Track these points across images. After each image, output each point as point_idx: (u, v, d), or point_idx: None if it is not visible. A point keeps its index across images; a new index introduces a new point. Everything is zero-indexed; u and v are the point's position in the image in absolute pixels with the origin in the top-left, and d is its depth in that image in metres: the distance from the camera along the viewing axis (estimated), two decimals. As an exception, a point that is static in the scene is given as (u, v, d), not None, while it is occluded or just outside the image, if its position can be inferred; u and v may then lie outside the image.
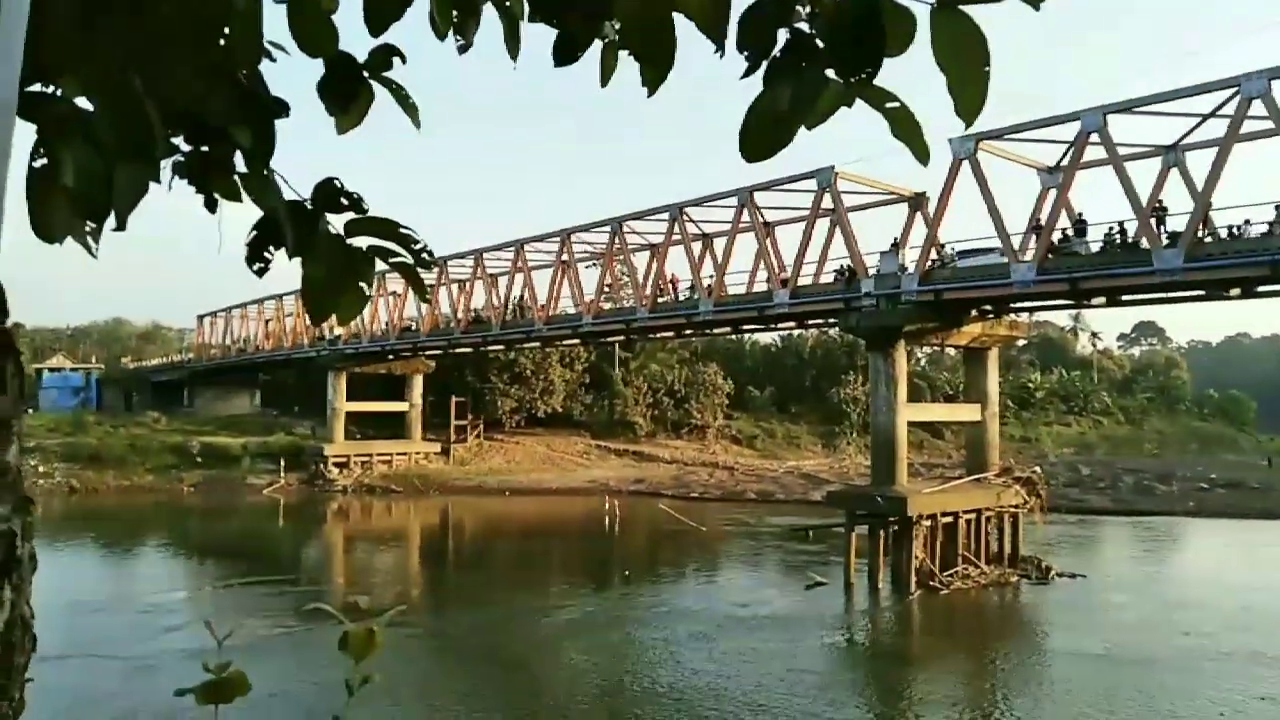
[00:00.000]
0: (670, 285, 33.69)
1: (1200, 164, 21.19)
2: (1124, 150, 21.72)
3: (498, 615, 20.77)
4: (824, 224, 27.01)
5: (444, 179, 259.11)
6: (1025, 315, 30.65)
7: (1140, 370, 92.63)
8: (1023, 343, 66.30)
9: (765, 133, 1.45)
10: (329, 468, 48.03)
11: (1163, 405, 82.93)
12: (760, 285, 29.08)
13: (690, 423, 61.17)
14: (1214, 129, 21.35)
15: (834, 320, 29.83)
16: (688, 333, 41.23)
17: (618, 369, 61.14)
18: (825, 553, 27.70)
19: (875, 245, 36.47)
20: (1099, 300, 24.42)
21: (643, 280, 33.41)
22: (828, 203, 25.72)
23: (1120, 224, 22.24)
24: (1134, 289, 22.17)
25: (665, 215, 31.00)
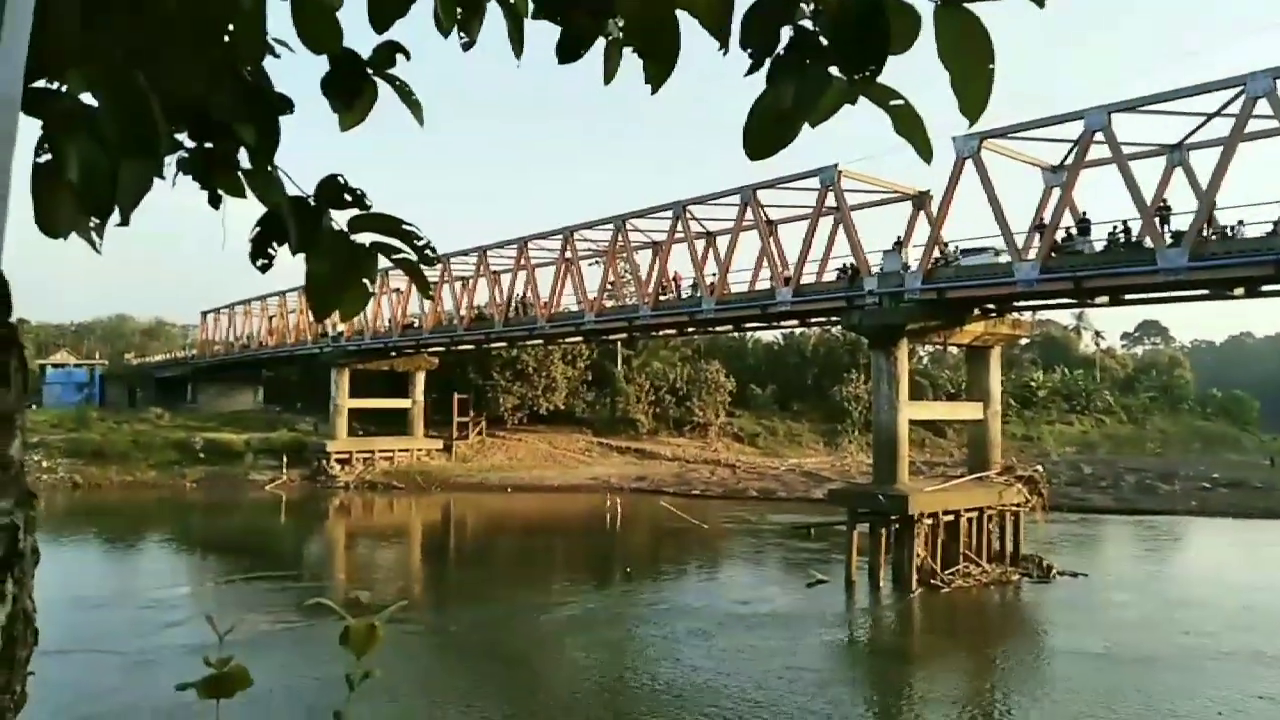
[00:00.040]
0: (673, 283, 33.68)
1: (1205, 163, 21.16)
2: (1128, 149, 21.65)
3: (499, 611, 20.79)
4: (827, 222, 27.00)
5: (447, 176, 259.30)
6: (1028, 314, 30.59)
7: (1143, 369, 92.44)
8: (1025, 341, 66.29)
9: (769, 130, 1.45)
10: (331, 464, 48.13)
11: (1165, 404, 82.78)
12: (763, 283, 29.06)
13: (692, 420, 61.18)
14: (1218, 128, 21.31)
15: (836, 318, 29.81)
16: (690, 330, 41.25)
17: (620, 366, 61.16)
18: (827, 551, 27.72)
19: (878, 243, 36.37)
20: (1102, 299, 24.41)
21: (645, 278, 33.40)
22: (831, 201, 25.71)
23: (1124, 223, 22.24)
24: (1137, 288, 22.14)
25: (668, 213, 30.99)
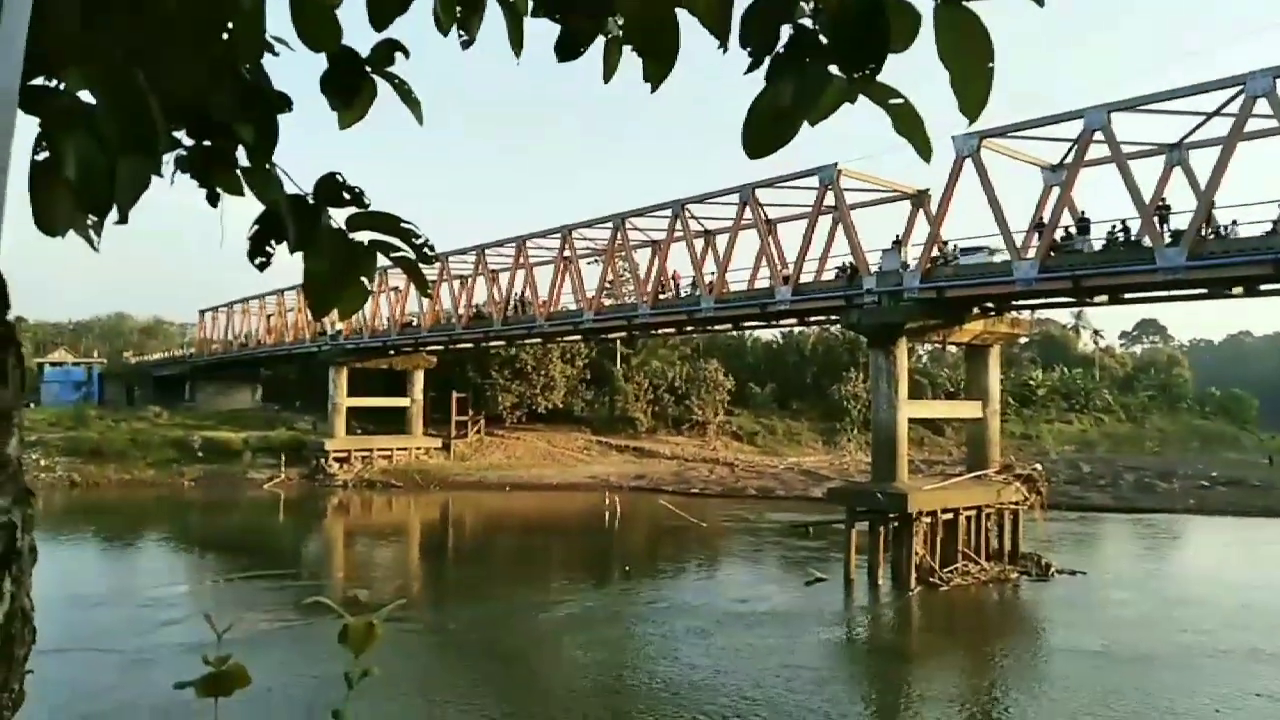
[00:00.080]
0: (672, 281, 33.67)
1: (1204, 162, 21.17)
2: (1127, 148, 21.66)
3: (497, 610, 20.79)
4: (826, 221, 27.00)
5: (446, 174, 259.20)
6: (1027, 313, 30.60)
7: (1142, 368, 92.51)
8: (1024, 340, 66.25)
9: (768, 129, 1.45)
10: (330, 463, 48.11)
11: (1164, 403, 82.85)
12: (762, 282, 29.05)
13: (691, 419, 61.19)
14: (1218, 127, 21.31)
15: (835, 317, 29.81)
16: (689, 329, 41.25)
17: (619, 365, 61.16)
18: (825, 549, 27.74)
19: (877, 242, 36.47)
20: (1101, 298, 24.41)
21: (644, 276, 33.40)
22: (830, 200, 25.70)
23: (1123, 222, 22.23)
24: (1136, 287, 22.14)
25: (667, 212, 30.97)
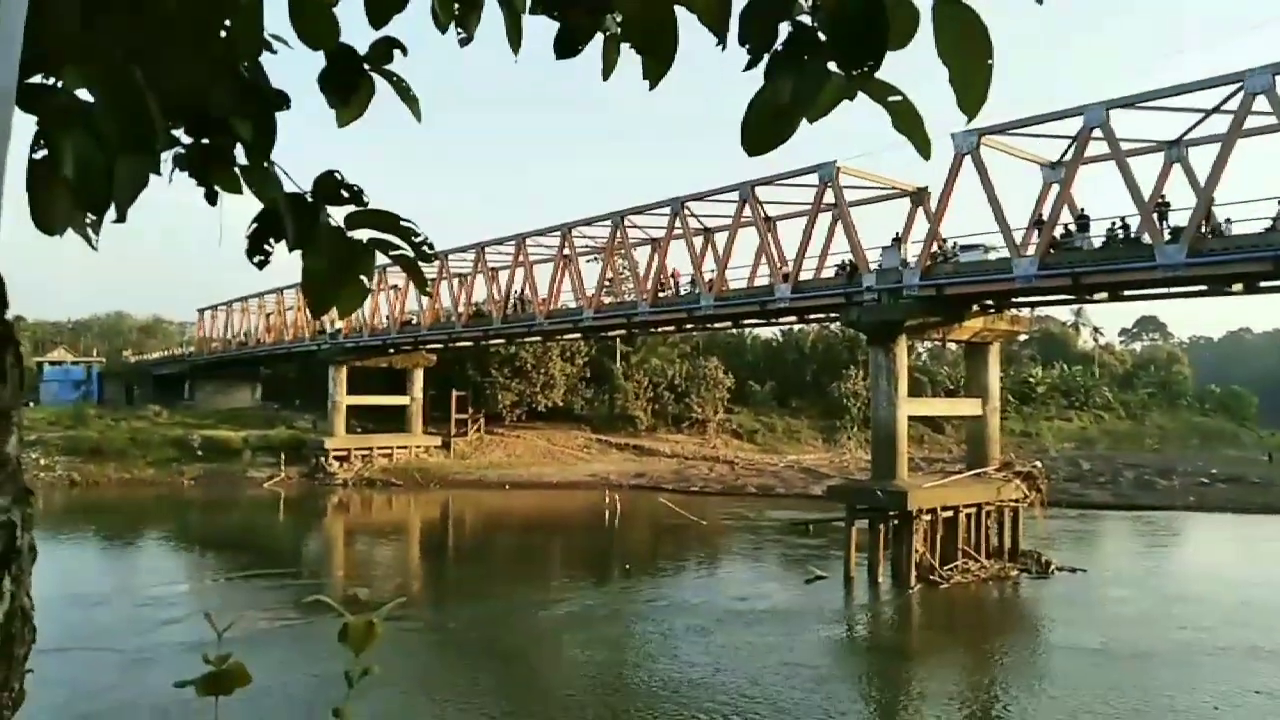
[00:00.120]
0: (671, 279, 33.66)
1: (1203, 159, 21.16)
2: (1127, 145, 21.65)
3: (497, 608, 20.81)
4: (826, 218, 26.99)
5: (445, 172, 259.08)
6: (1027, 310, 30.60)
7: (1142, 365, 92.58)
8: (1024, 337, 66.34)
9: (767, 126, 1.44)
10: (329, 461, 48.11)
11: (1164, 400, 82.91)
12: (761, 280, 29.05)
13: (691, 417, 61.20)
14: (1217, 124, 21.29)
15: (835, 315, 29.82)
16: (688, 327, 41.27)
17: (618, 363, 61.14)
18: (825, 547, 27.75)
19: (877, 240, 36.47)
20: (1101, 295, 24.42)
21: (644, 274, 33.39)
22: (829, 197, 25.70)
23: (1123, 219, 22.24)
24: (1136, 284, 22.14)
25: (666, 209, 30.96)
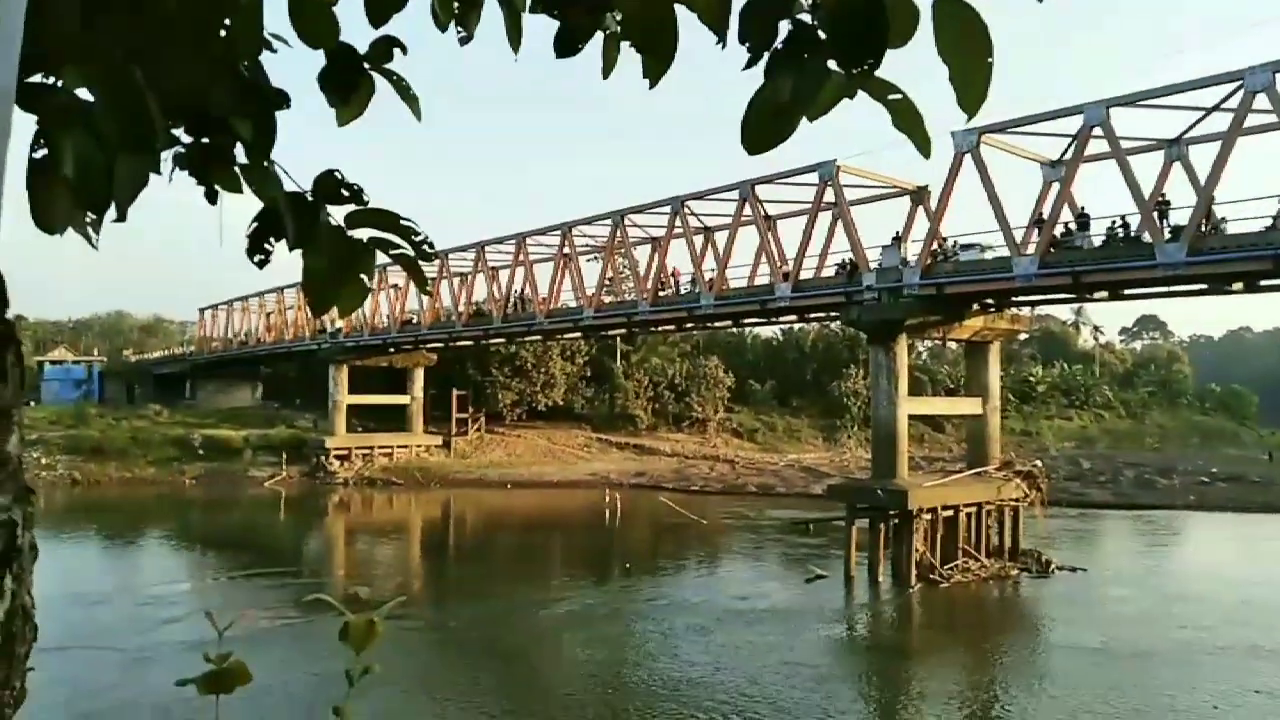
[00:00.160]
0: (671, 278, 33.66)
1: (1203, 158, 21.15)
2: (1127, 144, 21.63)
3: (498, 607, 20.81)
4: (826, 217, 26.98)
5: (445, 171, 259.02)
6: (1027, 309, 30.60)
7: (1142, 364, 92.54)
8: (1024, 336, 66.24)
9: (767, 125, 1.45)
10: (330, 460, 48.12)
11: (1164, 399, 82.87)
12: (762, 279, 29.04)
13: (691, 416, 61.18)
14: (1217, 123, 21.28)
15: (835, 314, 29.81)
16: (689, 326, 41.29)
17: (619, 362, 61.13)
18: (826, 546, 27.75)
19: (877, 239, 36.41)
20: (1101, 294, 24.40)
21: (644, 273, 33.39)
22: (830, 196, 25.69)
23: (1123, 218, 22.23)
24: (1136, 283, 22.11)
25: (667, 208, 30.95)
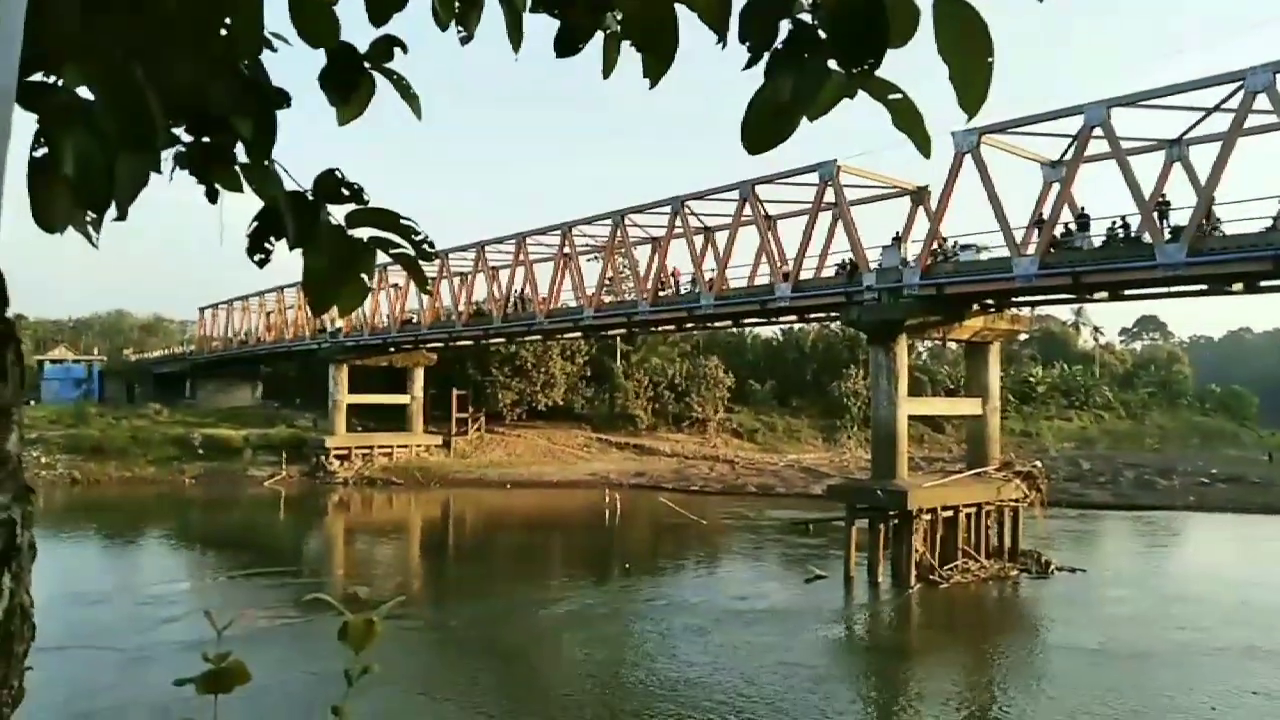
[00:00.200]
0: (671, 278, 33.66)
1: (1204, 158, 21.15)
2: (1127, 144, 21.63)
3: (497, 607, 20.82)
4: (826, 217, 26.98)
5: (445, 171, 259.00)
6: (1027, 309, 30.60)
7: (1142, 365, 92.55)
8: (1024, 337, 66.28)
9: (767, 124, 1.44)
10: (330, 460, 48.12)
11: (1164, 400, 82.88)
12: (762, 279, 29.04)
13: (691, 416, 61.18)
14: (1218, 123, 21.28)
15: (835, 314, 29.80)
16: (689, 326, 41.28)
17: (619, 362, 61.13)
18: (825, 546, 27.75)
19: (877, 239, 36.46)
20: (1101, 295, 24.40)
21: (644, 273, 33.39)
22: (830, 196, 25.68)
23: (1123, 218, 22.23)
24: (1136, 283, 22.10)
25: (667, 208, 30.95)
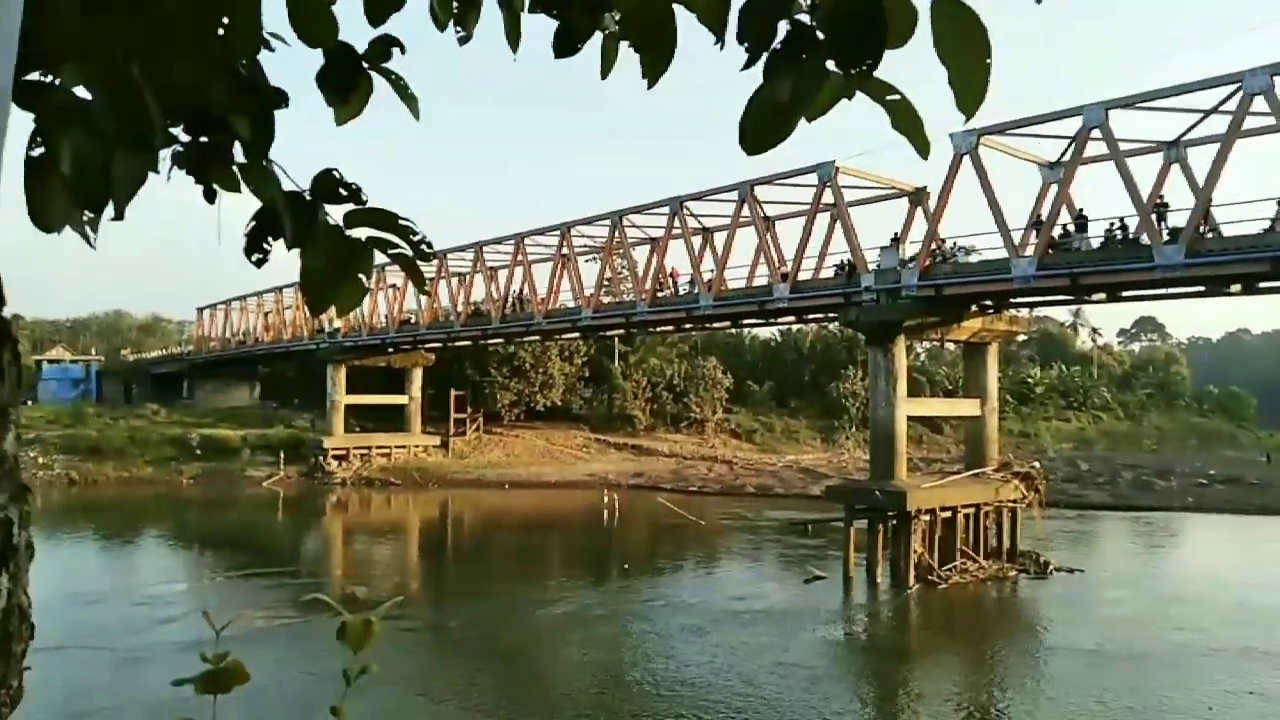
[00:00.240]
0: (670, 279, 33.66)
1: (1202, 160, 21.17)
2: (1125, 146, 21.64)
3: (496, 607, 20.81)
4: (824, 218, 27.00)
5: (444, 171, 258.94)
6: (1025, 310, 30.62)
7: (1140, 366, 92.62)
8: (1022, 338, 66.32)
9: (765, 125, 1.44)
10: (328, 460, 48.08)
11: (1162, 401, 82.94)
12: (760, 279, 29.06)
13: (689, 417, 61.18)
14: (1216, 125, 21.30)
15: (834, 315, 29.83)
16: (687, 327, 41.28)
17: (617, 363, 61.12)
18: (824, 547, 27.76)
19: (876, 240, 36.52)
20: (1099, 296, 24.42)
21: (642, 274, 33.39)
22: (828, 197, 25.69)
23: (1121, 219, 22.25)
24: (1134, 284, 22.15)
25: (665, 209, 30.93)
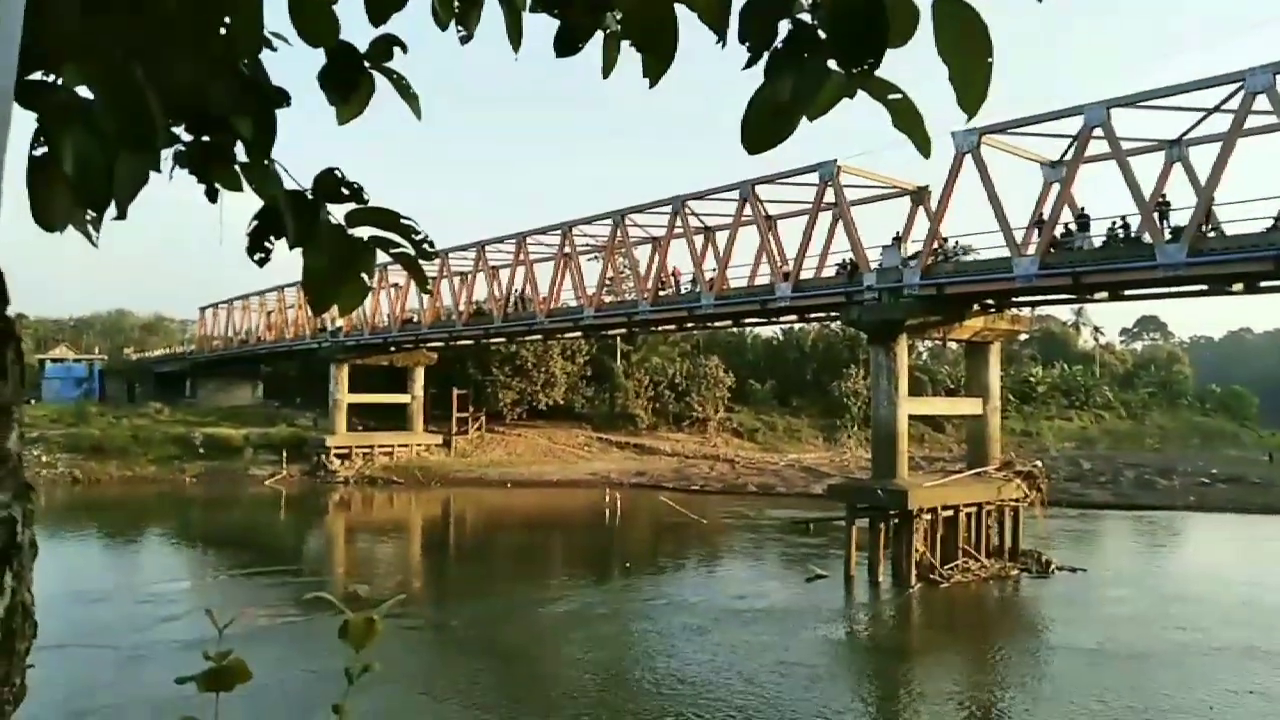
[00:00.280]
0: (672, 278, 33.65)
1: (1204, 159, 21.14)
2: (1127, 145, 21.62)
3: (498, 606, 20.82)
4: (826, 217, 26.98)
5: (446, 170, 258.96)
6: (1027, 310, 30.58)
7: (1142, 365, 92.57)
8: (1024, 337, 66.29)
9: (767, 124, 1.45)
10: (331, 459, 48.12)
11: (1164, 400, 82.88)
12: (762, 278, 29.04)
13: (691, 416, 61.18)
14: (1218, 124, 21.27)
15: (836, 314, 29.80)
16: (689, 326, 41.29)
17: (619, 362, 61.13)
18: (826, 546, 27.75)
19: (877, 239, 36.42)
20: (1101, 295, 24.39)
21: (644, 273, 33.38)
22: (830, 196, 25.68)
23: (1123, 218, 22.23)
24: (1136, 283, 22.10)
25: (667, 208, 30.93)
